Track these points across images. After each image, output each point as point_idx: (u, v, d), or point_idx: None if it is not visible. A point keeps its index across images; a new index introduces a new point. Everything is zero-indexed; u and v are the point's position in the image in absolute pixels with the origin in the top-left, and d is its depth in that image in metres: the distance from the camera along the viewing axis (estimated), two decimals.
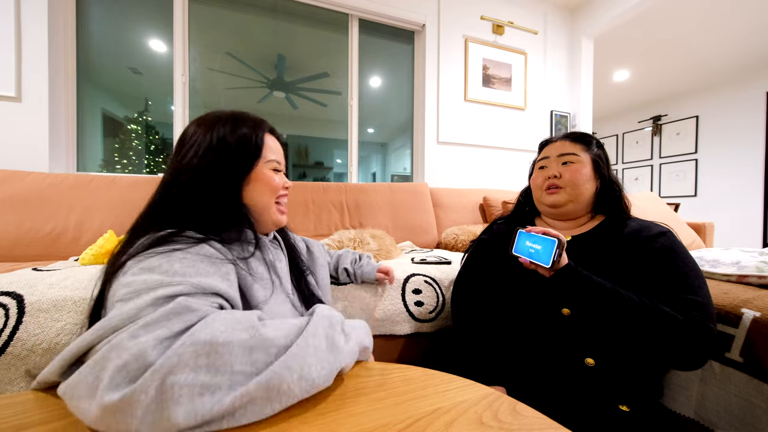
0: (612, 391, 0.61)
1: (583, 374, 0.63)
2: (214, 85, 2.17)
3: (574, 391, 0.63)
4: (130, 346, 0.28)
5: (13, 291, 0.73)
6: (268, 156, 0.56)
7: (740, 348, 0.66)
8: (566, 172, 0.75)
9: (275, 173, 0.57)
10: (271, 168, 0.56)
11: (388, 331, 0.96)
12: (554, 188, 0.76)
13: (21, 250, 1.24)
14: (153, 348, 0.28)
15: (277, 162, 0.57)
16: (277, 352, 0.31)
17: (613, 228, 0.72)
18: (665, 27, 2.88)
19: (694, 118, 4.15)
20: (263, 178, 0.55)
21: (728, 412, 0.66)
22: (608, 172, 0.76)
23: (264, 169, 0.55)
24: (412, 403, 0.37)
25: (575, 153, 0.75)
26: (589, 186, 0.74)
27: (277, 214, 0.58)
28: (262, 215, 0.56)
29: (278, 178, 0.57)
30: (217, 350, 0.29)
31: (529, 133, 2.70)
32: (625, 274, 0.64)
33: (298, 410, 0.36)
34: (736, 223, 3.76)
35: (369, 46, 2.39)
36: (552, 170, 0.77)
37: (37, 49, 1.55)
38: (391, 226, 1.78)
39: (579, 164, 0.74)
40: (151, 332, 0.29)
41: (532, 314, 0.70)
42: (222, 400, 0.27)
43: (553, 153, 0.78)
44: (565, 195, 0.75)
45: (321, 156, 3.23)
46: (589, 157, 0.75)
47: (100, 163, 1.89)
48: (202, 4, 1.99)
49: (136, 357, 0.27)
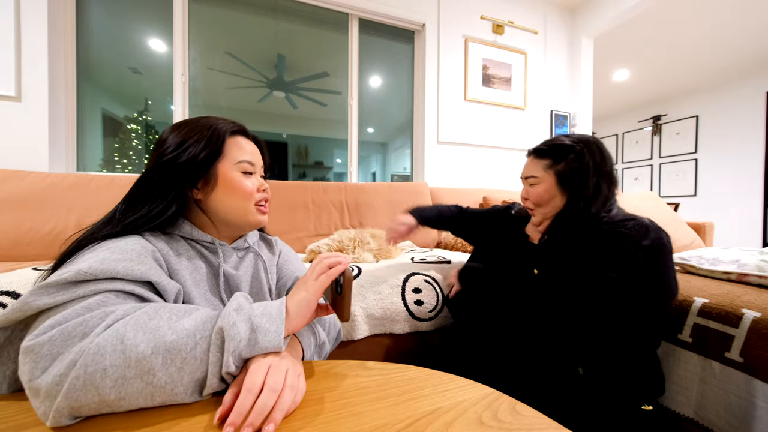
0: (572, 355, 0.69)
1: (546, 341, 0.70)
2: (214, 85, 2.17)
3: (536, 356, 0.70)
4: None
5: (13, 291, 0.73)
6: (237, 157, 0.53)
7: (740, 348, 0.66)
8: (531, 194, 0.80)
9: (247, 176, 0.54)
10: (242, 170, 0.54)
11: (388, 330, 0.96)
12: (530, 209, 0.83)
13: (21, 250, 1.24)
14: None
15: (249, 163, 0.54)
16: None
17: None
18: (665, 27, 2.88)
19: (694, 118, 4.15)
20: (230, 182, 0.52)
21: (728, 412, 0.66)
22: (586, 179, 0.73)
23: (231, 172, 0.53)
24: (412, 403, 0.37)
25: (535, 175, 0.79)
26: (557, 201, 0.77)
27: (257, 215, 0.56)
28: (237, 219, 0.55)
29: (251, 182, 0.55)
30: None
31: (529, 133, 2.70)
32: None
33: (299, 410, 0.36)
34: (736, 223, 3.76)
35: (369, 46, 2.39)
36: (523, 191, 0.83)
37: (37, 48, 1.54)
38: None
39: (539, 185, 0.78)
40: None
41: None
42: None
43: (523, 173, 0.85)
44: (538, 215, 0.81)
45: (321, 156, 3.23)
46: (552, 174, 0.76)
47: (99, 163, 1.89)
48: (202, 3, 1.99)
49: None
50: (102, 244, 0.44)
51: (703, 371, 0.71)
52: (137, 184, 0.52)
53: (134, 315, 0.35)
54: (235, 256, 0.57)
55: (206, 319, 0.37)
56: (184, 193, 0.51)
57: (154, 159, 0.51)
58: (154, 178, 0.50)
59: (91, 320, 0.34)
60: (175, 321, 0.36)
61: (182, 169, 0.50)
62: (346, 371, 0.45)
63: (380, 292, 0.97)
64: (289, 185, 1.69)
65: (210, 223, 0.55)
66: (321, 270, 0.45)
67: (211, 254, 0.53)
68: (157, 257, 0.46)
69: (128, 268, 0.39)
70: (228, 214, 0.54)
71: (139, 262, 0.41)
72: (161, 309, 0.37)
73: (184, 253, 0.51)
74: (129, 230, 0.47)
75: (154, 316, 0.35)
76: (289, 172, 3.10)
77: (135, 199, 0.51)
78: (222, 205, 0.53)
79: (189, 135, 0.51)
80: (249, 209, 0.55)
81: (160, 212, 0.49)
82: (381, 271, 1.03)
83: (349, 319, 0.45)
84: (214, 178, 0.52)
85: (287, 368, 0.38)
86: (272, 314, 0.39)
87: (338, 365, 0.46)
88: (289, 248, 0.72)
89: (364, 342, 0.93)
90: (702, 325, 0.74)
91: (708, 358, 0.71)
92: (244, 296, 0.41)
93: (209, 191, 0.52)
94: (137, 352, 0.32)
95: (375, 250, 1.29)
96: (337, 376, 0.43)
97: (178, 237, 0.51)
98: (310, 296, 0.42)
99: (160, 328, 0.34)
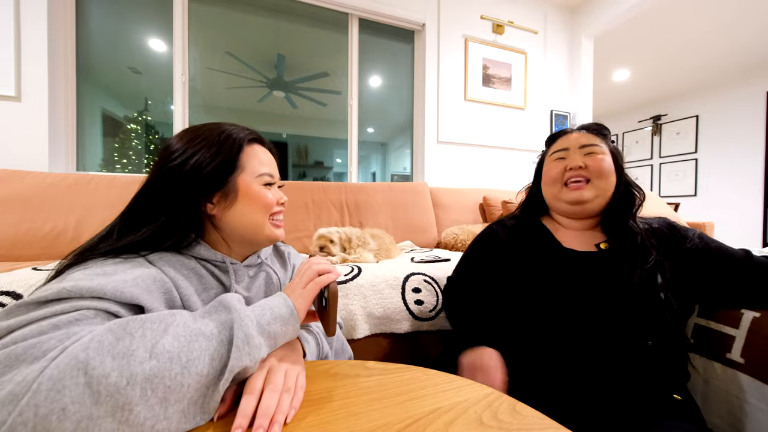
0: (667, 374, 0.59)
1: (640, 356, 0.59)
2: (214, 85, 2.17)
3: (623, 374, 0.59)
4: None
5: (12, 291, 0.73)
6: (258, 170, 0.50)
7: (741, 349, 0.66)
8: (594, 162, 0.68)
9: (268, 188, 0.51)
10: (263, 183, 0.50)
11: (388, 330, 0.95)
12: (578, 182, 0.69)
13: (21, 250, 1.24)
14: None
15: (270, 175, 0.51)
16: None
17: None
18: (665, 27, 2.87)
19: (694, 118, 4.15)
20: (253, 194, 0.49)
21: (730, 414, 0.66)
22: (623, 165, 0.72)
23: (254, 185, 0.49)
24: (412, 403, 0.37)
25: (596, 143, 0.70)
26: (612, 180, 0.69)
27: (273, 229, 0.52)
28: (253, 236, 0.50)
29: (272, 194, 0.51)
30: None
31: (529, 133, 2.70)
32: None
33: (299, 410, 0.36)
34: (736, 223, 3.76)
35: (369, 46, 2.39)
36: (575, 161, 0.69)
37: (37, 48, 1.54)
38: (391, 225, 1.78)
39: (603, 154, 0.69)
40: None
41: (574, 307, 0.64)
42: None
43: (573, 144, 0.71)
44: (593, 189, 0.68)
45: (321, 155, 3.23)
46: (608, 149, 0.71)
47: (99, 163, 1.89)
48: (202, 3, 1.99)
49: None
50: (100, 261, 0.39)
51: (705, 372, 0.70)
52: (139, 197, 0.46)
53: (95, 334, 0.28)
54: (246, 276, 0.53)
55: (190, 337, 0.32)
56: (197, 209, 0.46)
57: (159, 168, 0.46)
58: (161, 191, 0.45)
59: (48, 342, 0.27)
60: (151, 340, 0.30)
61: (195, 180, 0.45)
62: (346, 371, 0.44)
63: (380, 291, 0.97)
64: (289, 185, 1.69)
65: (221, 240, 0.50)
66: (310, 276, 0.45)
67: (222, 273, 0.49)
68: (168, 288, 0.40)
69: (118, 289, 0.34)
70: (245, 230, 0.49)
71: (133, 285, 0.36)
72: (130, 325, 0.31)
73: (194, 272, 0.46)
74: (129, 251, 0.42)
75: (123, 336, 0.29)
76: (289, 172, 3.10)
77: (136, 216, 0.45)
78: (240, 221, 0.49)
79: (202, 144, 0.46)
80: (266, 224, 0.51)
81: (169, 232, 0.44)
82: (381, 270, 1.03)
83: (334, 335, 0.44)
84: (234, 191, 0.47)
85: (286, 369, 0.38)
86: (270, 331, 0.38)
87: (338, 365, 0.46)
88: (301, 259, 0.67)
89: (364, 342, 0.93)
90: (703, 326, 0.74)
91: (710, 359, 0.71)
92: (240, 315, 0.36)
93: (228, 206, 0.47)
94: (108, 383, 0.26)
95: (375, 250, 1.29)
96: (337, 376, 0.43)
97: (188, 255, 0.47)
98: (299, 305, 0.42)
99: (135, 351, 0.28)
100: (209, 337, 0.33)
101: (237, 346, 0.33)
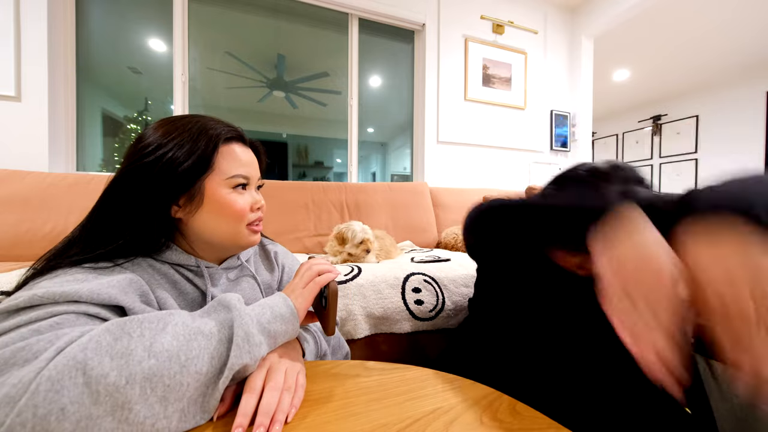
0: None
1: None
2: (214, 85, 2.16)
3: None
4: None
5: (12, 291, 0.72)
6: (230, 170, 0.45)
7: None
8: None
9: (239, 192, 0.46)
10: (234, 185, 0.45)
11: (389, 330, 0.96)
12: None
13: (21, 250, 1.24)
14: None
15: (243, 177, 0.46)
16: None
17: None
18: (665, 27, 2.87)
19: (694, 118, 4.15)
20: (219, 201, 0.44)
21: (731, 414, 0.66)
22: None
23: (221, 189, 0.44)
24: (412, 403, 0.37)
25: None
26: None
27: (249, 236, 0.48)
28: (223, 243, 0.47)
29: (243, 199, 0.46)
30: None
31: (529, 133, 2.69)
32: None
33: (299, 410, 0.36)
34: None
35: (369, 46, 2.39)
36: None
37: (37, 48, 1.54)
38: (391, 225, 1.78)
39: None
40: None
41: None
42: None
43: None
44: None
45: (321, 156, 3.22)
46: None
47: (99, 163, 1.88)
48: (202, 3, 1.99)
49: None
50: (69, 270, 0.36)
51: (706, 373, 0.71)
52: (104, 198, 0.42)
53: (93, 335, 0.28)
54: (225, 279, 0.50)
55: (189, 335, 0.32)
56: (165, 212, 0.43)
57: (127, 165, 0.42)
58: (127, 190, 0.41)
59: (38, 344, 0.27)
60: (150, 339, 0.30)
61: (165, 182, 0.41)
62: (346, 371, 0.44)
63: (380, 291, 0.97)
64: (289, 185, 1.69)
65: (190, 245, 0.47)
66: (310, 277, 0.44)
67: (198, 278, 0.46)
68: (144, 290, 0.39)
69: (94, 291, 0.33)
70: (214, 237, 0.46)
71: (108, 285, 0.35)
72: (128, 325, 0.30)
73: (168, 278, 0.44)
74: (99, 260, 0.39)
75: (121, 336, 0.29)
76: (289, 172, 3.10)
77: (103, 219, 0.41)
78: (207, 228, 0.45)
79: (173, 136, 0.42)
80: (239, 232, 0.46)
81: (137, 241, 0.41)
82: (381, 270, 1.03)
83: (333, 334, 0.44)
84: (199, 195, 0.43)
85: (286, 368, 0.38)
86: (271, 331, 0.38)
87: (338, 365, 0.46)
88: (291, 258, 0.64)
89: (364, 342, 0.93)
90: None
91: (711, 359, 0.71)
92: (239, 313, 0.36)
93: (192, 210, 0.43)
94: (107, 383, 0.26)
95: (375, 250, 1.29)
96: (337, 376, 0.43)
97: (161, 261, 0.44)
98: (299, 305, 0.42)
99: (133, 350, 0.28)
100: (209, 335, 0.33)
101: (237, 344, 0.33)
